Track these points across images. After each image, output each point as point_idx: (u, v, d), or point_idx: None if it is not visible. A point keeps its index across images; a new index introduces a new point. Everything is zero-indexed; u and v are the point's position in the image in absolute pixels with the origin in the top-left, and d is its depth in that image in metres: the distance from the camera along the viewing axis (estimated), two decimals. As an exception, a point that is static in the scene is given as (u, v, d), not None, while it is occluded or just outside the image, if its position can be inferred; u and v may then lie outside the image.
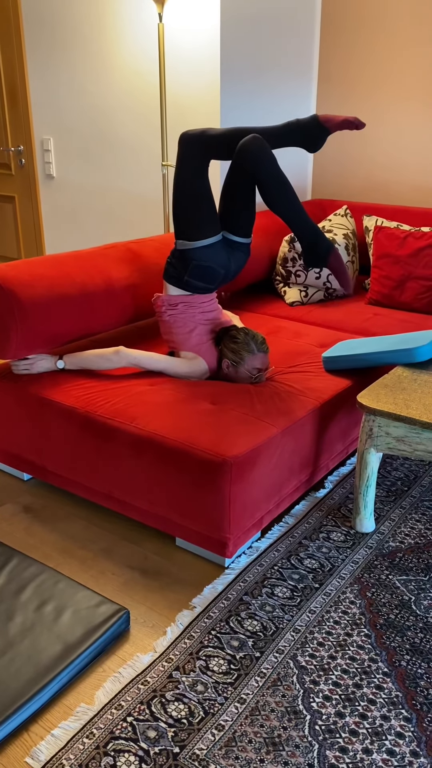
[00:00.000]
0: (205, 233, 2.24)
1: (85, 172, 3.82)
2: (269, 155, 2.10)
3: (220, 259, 2.29)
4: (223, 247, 2.29)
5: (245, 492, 1.90)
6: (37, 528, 2.18)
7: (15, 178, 4.14)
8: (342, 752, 1.42)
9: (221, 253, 2.29)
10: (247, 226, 2.30)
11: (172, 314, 2.34)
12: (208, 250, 2.26)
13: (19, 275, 2.17)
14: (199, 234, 2.24)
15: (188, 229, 2.25)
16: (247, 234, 2.32)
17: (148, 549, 2.08)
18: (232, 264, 2.34)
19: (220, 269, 2.30)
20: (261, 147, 2.09)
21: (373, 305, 3.17)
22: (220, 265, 2.29)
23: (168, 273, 2.33)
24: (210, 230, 2.25)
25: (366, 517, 2.13)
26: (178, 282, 2.32)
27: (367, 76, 3.57)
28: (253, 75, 3.33)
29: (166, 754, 1.41)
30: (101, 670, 1.64)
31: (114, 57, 3.44)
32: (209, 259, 2.26)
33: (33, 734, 1.47)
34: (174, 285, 2.33)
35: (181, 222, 2.26)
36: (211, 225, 2.25)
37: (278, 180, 2.12)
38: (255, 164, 2.09)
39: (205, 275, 2.29)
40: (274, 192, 2.13)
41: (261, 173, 2.11)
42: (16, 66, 3.83)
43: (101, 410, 2.08)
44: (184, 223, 2.26)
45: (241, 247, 2.34)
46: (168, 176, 3.33)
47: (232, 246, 2.32)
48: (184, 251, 2.27)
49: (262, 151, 2.09)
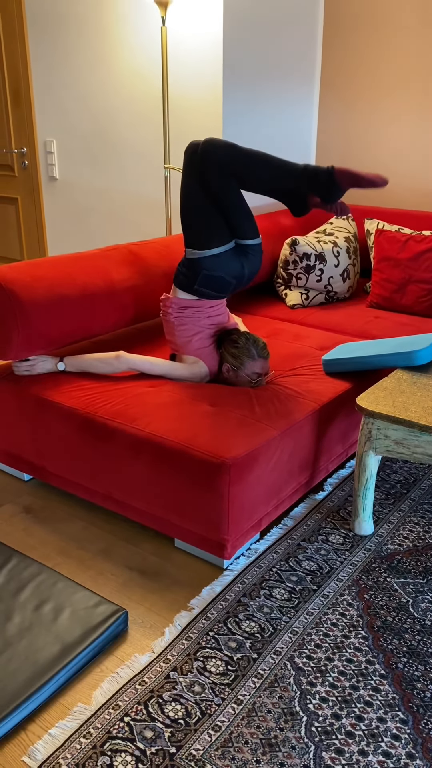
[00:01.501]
0: (214, 242, 2.20)
1: (88, 174, 3.83)
2: (228, 144, 2.09)
3: (231, 269, 2.24)
4: (234, 256, 2.24)
5: (244, 494, 1.91)
6: (36, 528, 2.19)
7: (18, 180, 4.16)
8: (338, 754, 1.43)
9: (232, 262, 2.24)
10: (252, 227, 2.25)
11: (178, 317, 2.32)
12: (218, 260, 2.21)
13: (21, 276, 2.18)
14: (208, 243, 2.20)
15: (196, 237, 2.21)
16: (255, 234, 2.27)
17: (147, 550, 2.09)
18: (246, 269, 2.28)
19: (231, 279, 2.25)
20: (217, 147, 2.08)
21: (373, 308, 3.17)
22: (230, 275, 2.24)
23: (178, 279, 2.30)
24: (219, 239, 2.20)
25: (365, 520, 2.13)
26: (188, 289, 2.28)
27: (370, 81, 3.58)
28: (255, 79, 3.34)
29: (162, 755, 1.42)
30: (99, 670, 1.65)
31: (117, 60, 3.45)
32: (219, 268, 2.22)
33: (30, 733, 1.48)
34: (184, 290, 2.30)
35: (189, 230, 2.23)
36: (219, 233, 2.20)
37: (249, 162, 2.09)
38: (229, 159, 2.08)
39: (215, 285, 2.25)
40: (254, 175, 2.09)
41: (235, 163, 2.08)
42: (20, 68, 3.85)
43: (101, 411, 2.08)
44: (191, 232, 2.22)
45: (254, 249, 2.28)
46: (170, 179, 3.34)
47: (245, 251, 2.27)
48: (193, 260, 2.23)
49: (223, 146, 2.08)
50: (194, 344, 2.32)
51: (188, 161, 2.18)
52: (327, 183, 2.09)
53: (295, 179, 2.11)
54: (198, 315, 2.32)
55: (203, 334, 2.33)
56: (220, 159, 2.10)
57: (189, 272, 2.25)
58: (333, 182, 2.08)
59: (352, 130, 3.73)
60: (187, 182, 2.19)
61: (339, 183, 2.08)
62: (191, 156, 2.17)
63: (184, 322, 2.31)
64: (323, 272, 3.15)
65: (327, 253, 3.15)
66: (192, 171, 2.17)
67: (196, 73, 3.22)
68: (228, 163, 2.10)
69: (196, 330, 2.32)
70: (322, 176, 2.09)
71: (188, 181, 2.19)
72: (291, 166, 2.11)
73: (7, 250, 4.42)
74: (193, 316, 2.31)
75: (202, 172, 2.14)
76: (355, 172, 2.07)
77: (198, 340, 2.32)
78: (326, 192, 2.10)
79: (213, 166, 2.11)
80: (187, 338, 2.32)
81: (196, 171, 2.16)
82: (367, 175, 2.05)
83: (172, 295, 2.33)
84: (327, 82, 3.73)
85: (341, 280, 3.21)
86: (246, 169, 2.11)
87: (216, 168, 2.11)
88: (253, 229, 2.26)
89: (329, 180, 2.08)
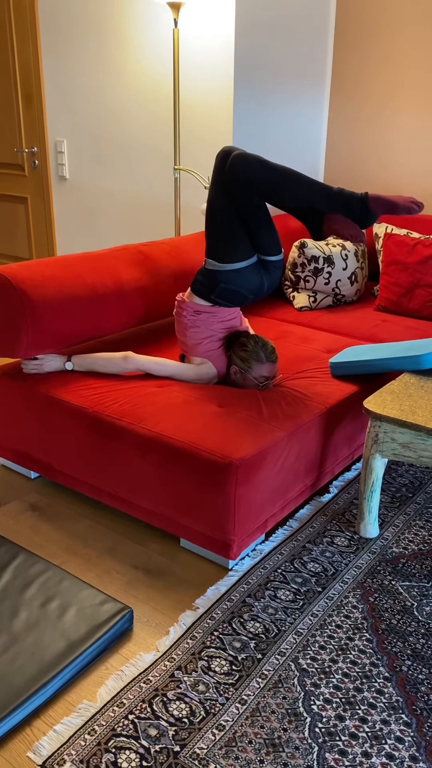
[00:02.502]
0: (236, 256, 2.16)
1: (98, 174, 3.85)
2: (259, 160, 2.03)
3: (251, 284, 2.21)
4: (255, 271, 2.20)
5: (250, 494, 1.92)
6: (43, 526, 2.20)
7: (28, 180, 4.17)
8: (341, 755, 1.43)
9: (252, 277, 2.20)
10: (275, 242, 2.21)
11: (191, 319, 2.31)
12: (238, 275, 2.18)
13: (31, 276, 2.19)
14: (230, 256, 2.16)
15: (218, 249, 2.17)
16: (278, 249, 2.22)
17: (153, 549, 2.10)
18: (266, 283, 2.25)
19: (248, 294, 2.23)
20: (247, 162, 2.02)
21: (381, 312, 3.17)
22: (249, 290, 2.21)
23: (195, 286, 2.27)
24: (241, 253, 2.16)
25: (370, 523, 2.13)
26: (204, 297, 2.26)
27: (380, 84, 3.59)
28: (266, 82, 3.35)
29: (166, 753, 1.42)
30: (104, 668, 1.65)
31: (128, 61, 3.47)
32: (238, 284, 2.19)
33: (35, 729, 1.49)
34: (200, 297, 2.28)
35: (212, 240, 2.19)
36: (242, 247, 2.15)
37: (281, 180, 2.02)
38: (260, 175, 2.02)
39: (232, 298, 2.23)
40: (284, 193, 2.03)
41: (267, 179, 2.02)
42: (32, 68, 3.87)
43: (109, 410, 2.09)
44: (214, 242, 2.18)
45: (276, 265, 2.25)
46: (180, 180, 3.36)
47: (267, 266, 2.23)
48: (212, 272, 2.20)
49: (253, 165, 2.02)
50: (204, 346, 2.32)
51: (218, 168, 2.14)
52: (361, 210, 2.05)
53: (327, 202, 2.06)
54: (212, 319, 2.32)
55: (214, 337, 2.33)
56: (252, 177, 2.04)
57: (207, 282, 2.23)
58: (367, 209, 2.04)
59: (362, 134, 3.73)
60: (214, 190, 2.15)
61: (373, 210, 2.04)
62: (221, 163, 2.13)
63: (197, 324, 2.31)
64: (331, 275, 3.16)
65: (335, 256, 3.16)
66: (219, 180, 2.13)
67: (207, 75, 3.23)
68: (259, 182, 2.04)
69: (208, 333, 2.32)
70: (356, 203, 2.05)
71: (215, 189, 2.15)
72: (325, 188, 2.06)
73: (17, 249, 4.44)
74: (206, 321, 2.31)
75: (229, 184, 2.09)
76: (390, 199, 2.01)
77: (208, 342, 2.32)
78: (360, 218, 2.06)
79: (242, 181, 2.05)
80: (198, 340, 2.32)
81: (224, 181, 2.11)
82: (403, 202, 2.00)
83: (188, 299, 2.31)
84: (337, 86, 3.74)
85: (349, 284, 3.22)
86: (277, 186, 2.04)
87: (244, 183, 2.05)
88: (277, 245, 2.21)
89: (363, 207, 2.04)
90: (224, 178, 2.11)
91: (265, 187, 2.05)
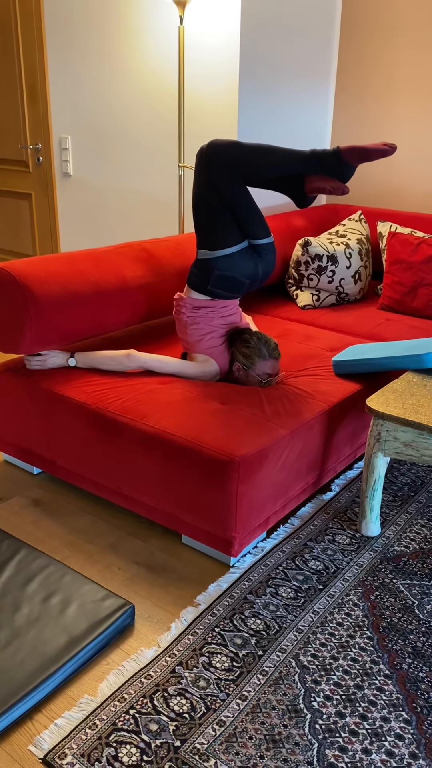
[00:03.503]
0: (226, 242, 2.20)
1: (102, 171, 3.85)
2: (232, 144, 2.10)
3: (244, 269, 2.24)
4: (247, 256, 2.24)
5: (252, 492, 1.92)
6: (45, 521, 2.21)
7: (32, 176, 4.18)
8: (341, 752, 1.43)
9: (245, 262, 2.24)
10: (262, 226, 2.25)
11: (191, 316, 2.32)
12: (230, 260, 2.21)
13: (35, 272, 2.20)
14: (219, 243, 2.20)
15: (208, 238, 2.21)
16: (266, 233, 2.27)
17: (155, 545, 2.10)
18: (260, 269, 2.28)
19: (244, 279, 2.26)
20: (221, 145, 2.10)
21: (384, 311, 3.17)
22: (244, 275, 2.25)
23: (191, 280, 2.30)
24: (230, 239, 2.20)
25: (372, 521, 2.14)
26: (201, 290, 2.28)
27: (386, 83, 3.58)
28: (271, 79, 3.35)
29: (167, 747, 1.43)
30: (105, 663, 1.66)
31: (134, 58, 3.47)
32: (231, 269, 2.22)
33: (37, 723, 1.50)
34: (197, 291, 2.30)
35: (201, 231, 2.23)
36: (231, 233, 2.20)
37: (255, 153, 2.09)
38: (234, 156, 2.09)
39: (228, 285, 2.26)
40: (260, 164, 2.10)
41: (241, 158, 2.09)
42: (37, 64, 3.87)
43: (112, 407, 2.10)
44: (203, 232, 2.22)
45: (267, 249, 2.28)
46: (184, 177, 3.35)
47: (258, 251, 2.27)
48: (205, 261, 2.23)
49: (225, 146, 2.10)
50: (205, 343, 2.33)
51: (198, 164, 2.19)
52: (336, 163, 2.09)
53: (302, 164, 2.11)
54: (211, 315, 2.33)
55: (215, 334, 2.34)
56: (226, 157, 2.11)
57: (201, 273, 2.26)
58: (341, 161, 2.09)
59: (367, 132, 3.73)
60: (198, 183, 2.20)
61: (348, 161, 2.09)
62: (200, 158, 2.18)
63: (197, 321, 2.32)
64: (335, 273, 3.16)
65: (339, 254, 3.16)
66: (201, 174, 2.18)
67: (212, 72, 3.23)
68: (234, 158, 2.11)
69: (209, 329, 2.33)
70: (330, 158, 2.10)
71: (199, 182, 2.20)
72: (298, 152, 2.13)
73: (20, 246, 4.45)
74: (206, 316, 2.32)
75: (209, 172, 2.15)
76: (362, 147, 2.06)
77: (209, 339, 2.33)
78: (338, 173, 2.11)
79: (220, 166, 2.12)
80: (199, 337, 2.33)
81: (206, 174, 2.17)
82: (375, 147, 2.04)
83: (186, 295, 2.34)
84: (342, 84, 3.73)
85: (353, 282, 3.21)
86: (252, 160, 2.11)
87: (223, 167, 2.12)
88: (264, 228, 2.26)
89: (338, 160, 2.09)
90: (205, 170, 2.16)
91: (241, 164, 2.11)
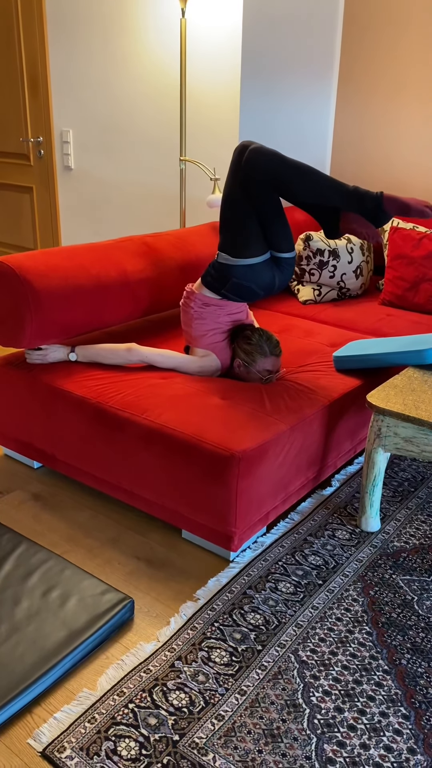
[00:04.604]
0: (250, 251, 2.15)
1: (104, 164, 3.84)
2: (275, 154, 2.04)
3: (262, 280, 2.20)
4: (267, 267, 2.20)
5: (252, 487, 1.92)
6: (45, 515, 2.21)
7: (33, 169, 4.17)
8: (340, 746, 1.44)
9: (264, 274, 2.19)
10: (288, 239, 2.20)
11: (199, 311, 2.31)
12: (250, 271, 2.17)
13: (36, 265, 2.19)
14: (244, 251, 2.15)
15: (233, 242, 2.16)
16: (291, 247, 2.22)
17: (155, 540, 2.11)
18: (277, 281, 2.24)
19: (260, 290, 2.22)
20: (263, 156, 2.03)
21: (386, 306, 3.17)
22: (260, 286, 2.21)
23: (206, 279, 2.26)
24: (255, 248, 2.15)
25: (371, 517, 2.14)
26: (215, 291, 2.26)
27: (388, 77, 3.57)
28: (273, 73, 3.33)
29: (165, 741, 1.43)
30: (104, 657, 1.66)
31: (135, 51, 3.45)
32: (250, 279, 2.18)
33: (36, 716, 1.50)
34: (210, 290, 2.28)
35: (227, 233, 2.18)
36: (256, 243, 2.14)
37: (296, 175, 2.03)
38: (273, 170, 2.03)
39: (243, 293, 2.23)
40: (299, 188, 2.04)
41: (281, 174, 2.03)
42: (38, 57, 3.85)
43: (112, 401, 2.10)
44: (229, 235, 2.17)
45: (288, 263, 2.24)
46: (185, 171, 3.34)
47: (280, 263, 2.23)
48: (225, 266, 2.19)
49: (269, 158, 2.03)
50: (208, 338, 2.32)
51: (235, 162, 2.14)
52: (374, 209, 2.05)
53: (341, 198, 2.07)
54: (218, 312, 2.31)
55: (219, 330, 2.33)
56: (265, 169, 2.05)
57: (219, 275, 2.22)
58: (380, 208, 2.05)
59: (369, 127, 3.71)
60: (231, 184, 2.15)
61: (386, 209, 2.05)
62: (238, 157, 2.13)
63: (204, 316, 2.31)
64: (336, 268, 3.15)
65: (341, 249, 3.15)
66: (236, 174, 2.13)
67: (214, 65, 3.22)
68: (274, 175, 2.05)
69: (214, 326, 2.32)
70: (370, 201, 2.05)
71: (232, 183, 2.15)
72: (340, 185, 2.07)
73: (21, 239, 4.44)
74: (213, 313, 2.31)
75: (245, 177, 2.09)
76: (404, 201, 2.02)
77: (213, 335, 2.32)
78: (373, 217, 2.07)
79: (258, 176, 2.06)
80: (203, 332, 2.32)
81: (240, 176, 2.11)
82: (416, 205, 2.01)
83: (197, 291, 2.31)
84: (345, 78, 3.71)
85: (354, 277, 3.21)
86: (292, 181, 2.05)
87: (260, 177, 2.06)
88: (289, 242, 2.21)
89: (377, 206, 2.05)
90: (241, 172, 2.10)
91: (280, 182, 2.06)
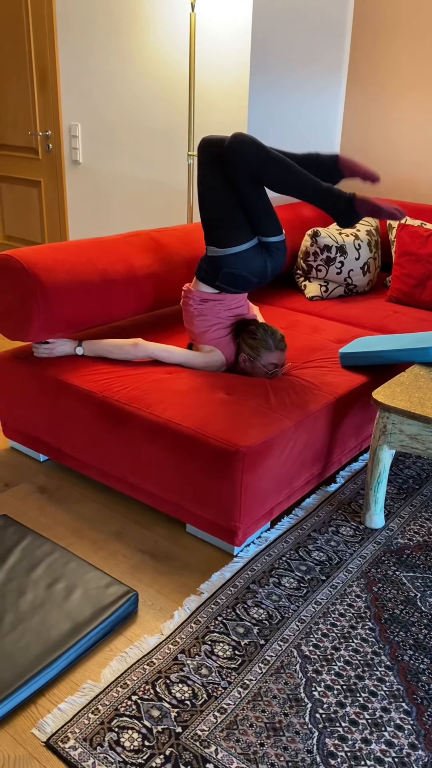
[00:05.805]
0: (236, 240, 2.15)
1: (112, 159, 3.84)
2: (256, 145, 2.06)
3: (254, 267, 2.20)
4: (257, 253, 2.20)
5: (257, 482, 1.93)
6: (50, 508, 2.22)
7: (42, 163, 4.17)
8: (341, 741, 1.45)
9: (255, 260, 2.20)
10: (274, 223, 2.21)
11: (198, 308, 2.32)
12: (239, 258, 2.17)
13: (44, 260, 2.20)
14: (229, 241, 2.16)
15: (217, 235, 2.17)
16: (278, 230, 2.23)
17: (159, 534, 2.12)
18: (269, 267, 2.25)
19: (253, 278, 2.23)
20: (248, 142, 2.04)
21: (393, 303, 3.16)
22: (253, 273, 2.21)
23: (200, 274, 2.28)
24: (241, 236, 2.16)
25: (376, 513, 2.14)
26: (210, 284, 2.27)
27: (397, 74, 3.55)
28: (282, 69, 3.33)
29: (168, 733, 1.44)
30: (108, 649, 1.68)
31: (144, 45, 3.45)
32: (241, 267, 2.18)
33: (40, 707, 1.51)
34: (206, 284, 2.29)
35: (210, 227, 2.18)
36: (241, 231, 2.15)
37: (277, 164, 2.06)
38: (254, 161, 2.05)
39: (237, 282, 2.23)
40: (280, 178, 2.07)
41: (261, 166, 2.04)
42: (48, 51, 3.86)
43: (118, 396, 2.10)
44: (212, 229, 2.18)
45: (278, 246, 2.25)
46: (194, 166, 3.34)
47: (268, 248, 2.24)
48: (215, 258, 2.20)
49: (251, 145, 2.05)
50: (211, 334, 2.33)
51: (207, 156, 2.14)
52: (346, 208, 2.09)
53: (316, 196, 2.10)
54: (218, 307, 2.32)
55: (221, 325, 2.34)
56: (248, 158, 2.06)
57: (210, 269, 2.23)
58: (352, 208, 2.09)
59: (378, 124, 3.70)
60: (207, 177, 2.15)
61: (358, 210, 2.09)
62: (211, 150, 2.13)
63: (204, 313, 2.32)
64: (344, 265, 3.15)
65: (348, 245, 3.14)
66: (212, 166, 2.13)
67: (223, 60, 3.21)
68: (256, 165, 2.06)
69: (215, 321, 2.33)
70: (343, 201, 2.09)
71: (208, 176, 2.15)
72: (316, 182, 2.09)
73: (29, 233, 4.45)
74: (213, 308, 2.32)
75: (226, 167, 2.10)
76: (375, 203, 2.07)
77: (215, 330, 2.33)
78: (344, 216, 2.10)
79: (241, 164, 2.07)
80: (205, 328, 2.32)
81: (218, 166, 2.12)
82: (387, 208, 2.05)
83: (194, 288, 2.32)
84: (354, 75, 3.70)
85: (361, 274, 3.20)
86: (270, 173, 2.08)
87: (243, 166, 2.07)
88: (276, 226, 2.22)
89: (349, 206, 2.09)
90: (220, 162, 2.11)
91: (258, 171, 2.07)
